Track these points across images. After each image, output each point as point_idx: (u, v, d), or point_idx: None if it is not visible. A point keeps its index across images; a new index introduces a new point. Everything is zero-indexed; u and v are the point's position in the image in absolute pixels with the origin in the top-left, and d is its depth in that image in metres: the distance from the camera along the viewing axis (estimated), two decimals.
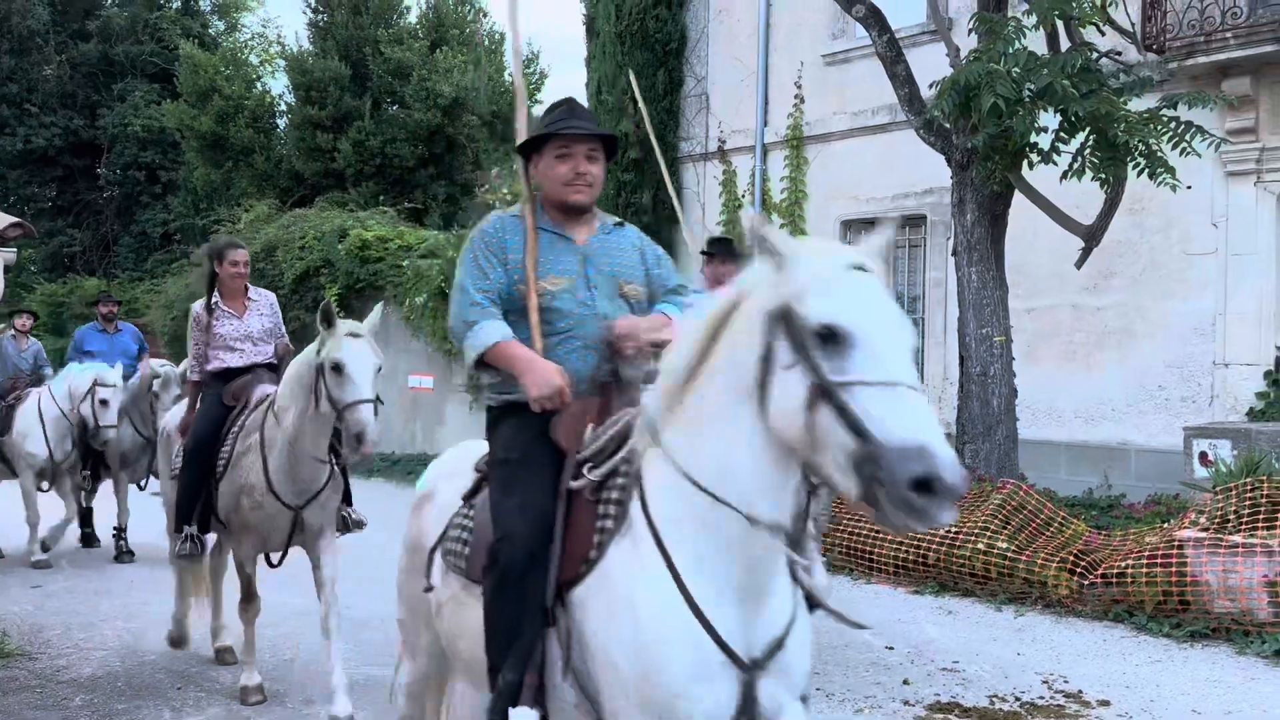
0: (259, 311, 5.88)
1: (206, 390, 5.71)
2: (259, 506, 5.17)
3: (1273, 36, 8.42)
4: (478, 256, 2.93)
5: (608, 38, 12.83)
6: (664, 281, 3.13)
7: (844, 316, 2.05)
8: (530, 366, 2.77)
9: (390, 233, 17.96)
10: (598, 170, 2.98)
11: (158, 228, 27.15)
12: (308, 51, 23.74)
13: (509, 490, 2.77)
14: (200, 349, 5.74)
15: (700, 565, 2.37)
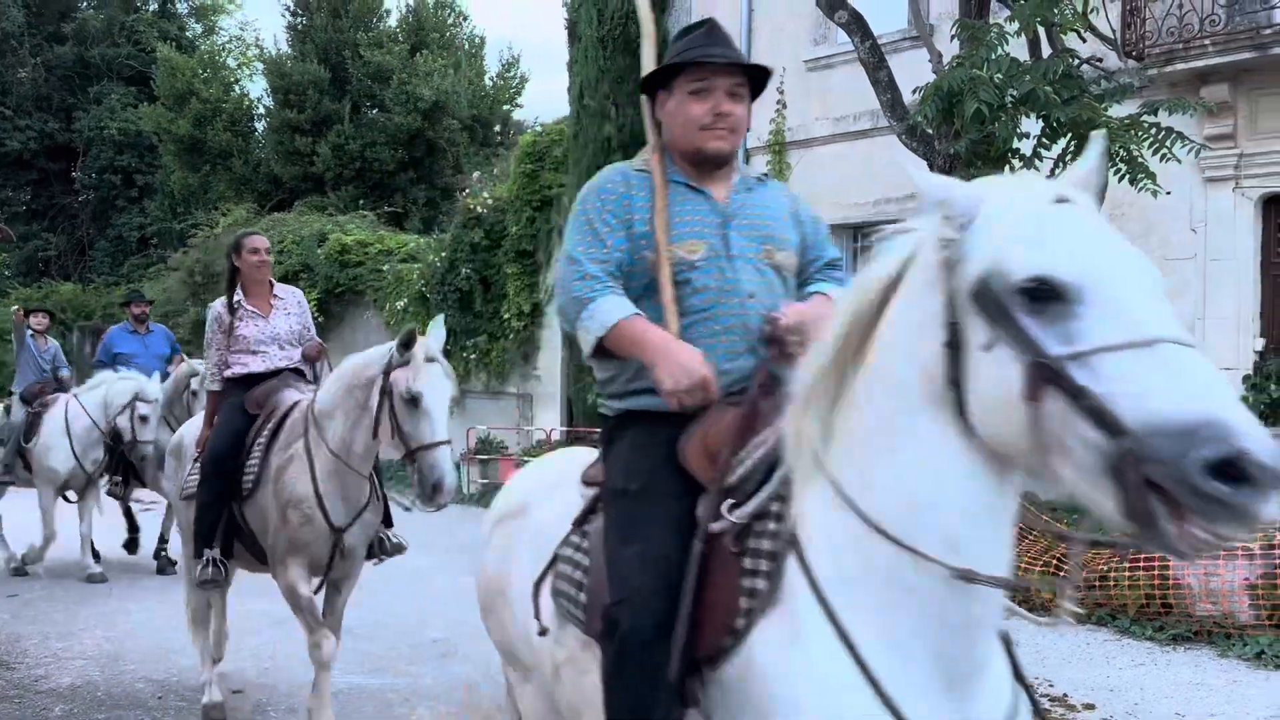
0: (286, 310, 5.20)
1: (226, 399, 5.04)
2: (308, 521, 4.53)
3: (1250, 44, 8.50)
4: (593, 219, 2.33)
5: (590, 42, 12.82)
6: (819, 251, 2.55)
7: (1062, 265, 1.53)
8: (665, 350, 2.14)
9: (370, 237, 17.92)
10: (741, 112, 2.38)
11: (134, 232, 26.96)
12: (286, 55, 23.68)
13: (628, 534, 2.16)
14: (221, 353, 5.08)
15: (890, 646, 1.76)
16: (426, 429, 4.17)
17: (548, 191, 14.42)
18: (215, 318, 5.07)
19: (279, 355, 5.11)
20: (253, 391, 4.96)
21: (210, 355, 5.17)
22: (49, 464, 8.51)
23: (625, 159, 10.74)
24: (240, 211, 20.51)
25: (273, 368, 5.07)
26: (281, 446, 4.66)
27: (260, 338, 5.06)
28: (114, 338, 9.47)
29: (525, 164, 14.77)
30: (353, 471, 4.51)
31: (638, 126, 12.48)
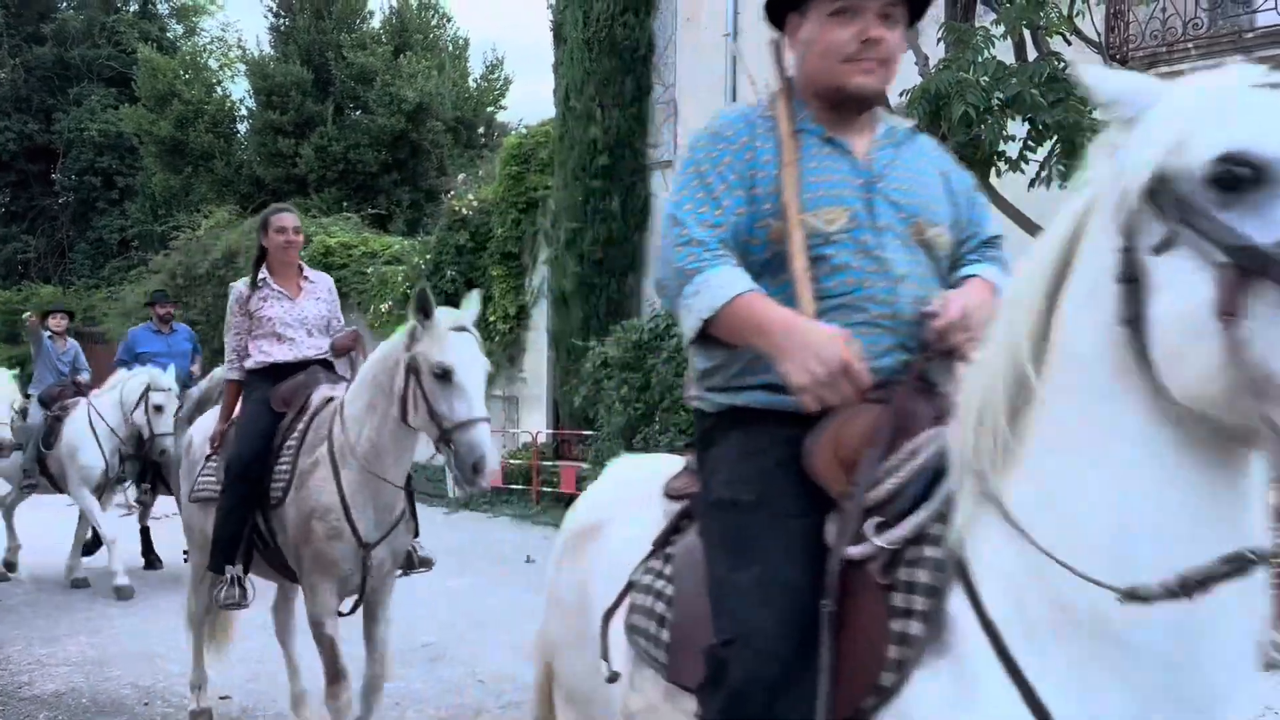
0: (315, 295, 4.66)
1: (250, 392, 4.52)
2: (337, 535, 4.02)
3: (1233, 47, 8.55)
4: (705, 171, 1.87)
5: (575, 44, 12.81)
6: (976, 227, 2.09)
7: (1258, 140, 1.21)
8: (793, 333, 1.68)
9: (354, 239, 17.86)
10: (895, 39, 1.91)
11: (115, 234, 26.77)
12: (269, 56, 23.57)
13: (739, 557, 1.73)
14: (241, 337, 4.55)
15: (1094, 707, 1.33)
16: (461, 405, 3.71)
17: (533, 194, 14.41)
18: (236, 297, 4.53)
19: (307, 343, 4.56)
20: (279, 387, 4.41)
21: (229, 340, 4.61)
22: (81, 461, 8.18)
23: (611, 162, 10.78)
24: (222, 214, 20.41)
25: (300, 357, 4.52)
26: (308, 449, 4.15)
27: (287, 320, 4.50)
28: (137, 337, 9.28)
29: (510, 166, 14.75)
30: (385, 480, 4.02)
31: (623, 129, 12.61)
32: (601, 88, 12.62)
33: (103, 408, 8.31)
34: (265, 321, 4.49)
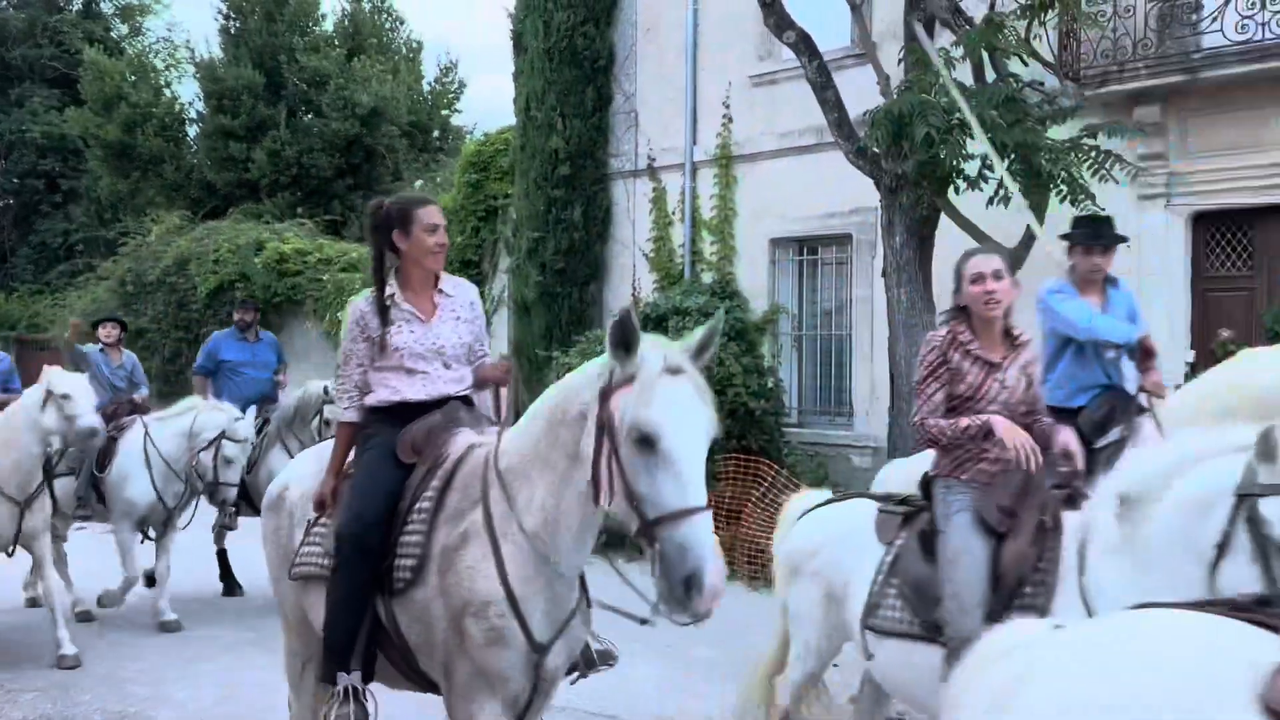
0: (455, 313, 3.59)
1: (368, 439, 3.49)
2: (498, 639, 2.97)
3: (1180, 67, 8.82)
4: None
5: (536, 53, 12.82)
6: None
7: None
8: None
9: (309, 245, 17.68)
10: None
11: (59, 238, 26.19)
12: (219, 59, 23.22)
13: None
14: (363, 371, 3.50)
15: None
16: (670, 487, 2.61)
17: (492, 202, 14.39)
18: (358, 319, 3.48)
19: (445, 377, 3.54)
20: (408, 431, 3.38)
21: (347, 372, 3.52)
22: (126, 495, 7.48)
23: (572, 171, 10.98)
24: (173, 219, 20.09)
25: (436, 395, 3.50)
26: (451, 517, 3.14)
27: (418, 350, 3.46)
28: (220, 344, 8.73)
29: (469, 174, 14.72)
30: (559, 571, 3.02)
31: (585, 139, 12.68)
32: (562, 97, 12.65)
33: (162, 437, 7.55)
34: (392, 353, 3.44)
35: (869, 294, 10.88)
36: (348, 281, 16.33)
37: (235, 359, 8.62)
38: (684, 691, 5.79)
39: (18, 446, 6.48)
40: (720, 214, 12.05)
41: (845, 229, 11.19)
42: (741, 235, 11.97)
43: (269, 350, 8.95)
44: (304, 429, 7.98)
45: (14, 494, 6.48)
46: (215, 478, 7.33)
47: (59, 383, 6.52)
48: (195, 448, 7.39)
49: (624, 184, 12.93)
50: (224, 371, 8.62)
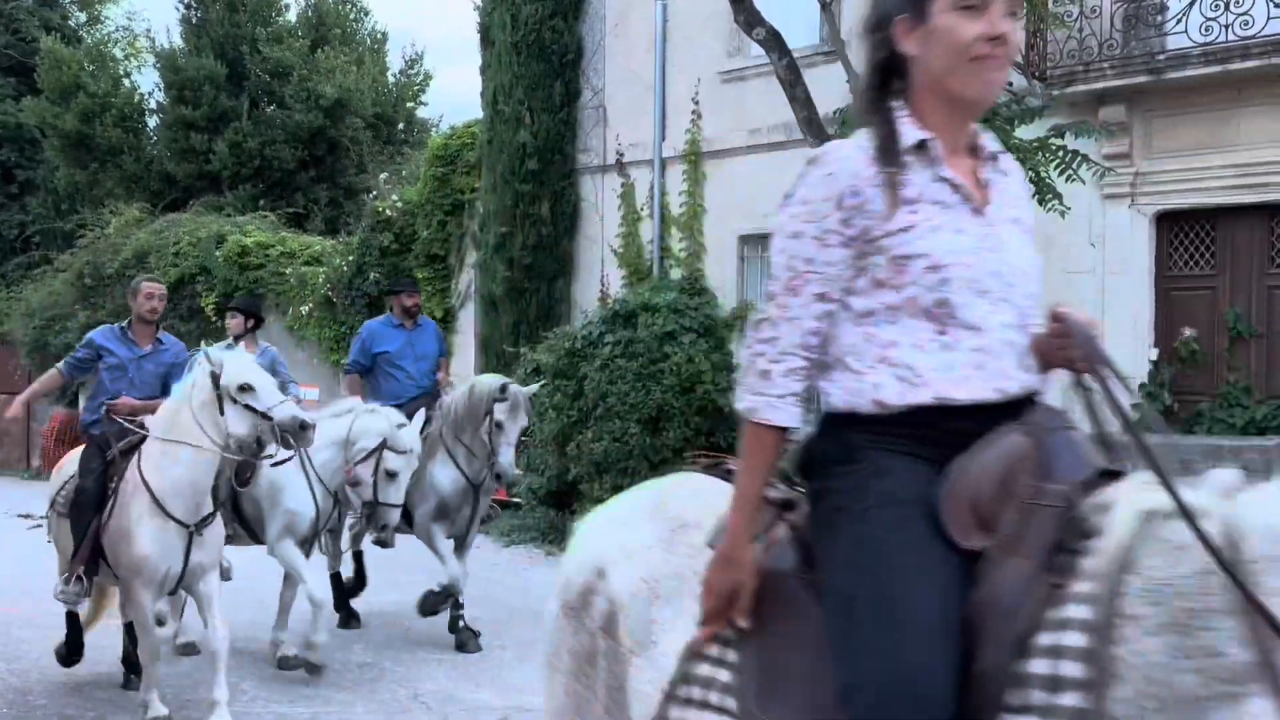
0: (1013, 206, 1.93)
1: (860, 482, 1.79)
2: None
3: (1145, 68, 8.92)
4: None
5: (503, 47, 12.72)
6: None
7: None
8: None
9: (271, 239, 17.46)
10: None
11: (14, 229, 25.66)
12: (180, 49, 22.86)
13: None
14: (824, 311, 1.84)
15: None
16: None
17: (459, 196, 14.28)
18: (843, 182, 1.83)
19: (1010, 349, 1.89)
20: (965, 479, 1.74)
21: (785, 314, 1.84)
22: (286, 507, 6.06)
23: (540, 166, 10.82)
24: (132, 211, 19.74)
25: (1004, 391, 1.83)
26: None
27: (976, 275, 1.81)
28: (375, 333, 7.37)
29: (436, 167, 14.59)
30: None
31: (553, 133, 12.58)
32: (530, 91, 12.57)
33: (314, 445, 5.96)
34: (922, 272, 1.79)
35: None
36: (311, 275, 16.15)
37: (391, 350, 7.23)
38: None
39: (186, 458, 4.99)
40: (689, 210, 12.03)
41: None
42: (710, 232, 11.96)
43: (431, 339, 7.54)
44: (474, 435, 6.64)
45: (182, 517, 4.98)
46: (375, 496, 6.04)
47: (235, 371, 5.03)
48: (352, 459, 6.04)
49: (592, 179, 12.87)
50: (380, 367, 7.27)
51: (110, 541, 5.10)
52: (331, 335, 15.59)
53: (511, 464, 6.65)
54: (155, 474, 4.99)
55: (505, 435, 6.54)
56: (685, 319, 10.63)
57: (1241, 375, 9.05)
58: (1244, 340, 9.10)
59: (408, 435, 6.09)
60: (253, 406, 4.96)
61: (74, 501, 5.34)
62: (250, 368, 5.15)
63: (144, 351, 5.87)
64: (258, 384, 5.02)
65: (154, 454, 5.06)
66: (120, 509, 5.08)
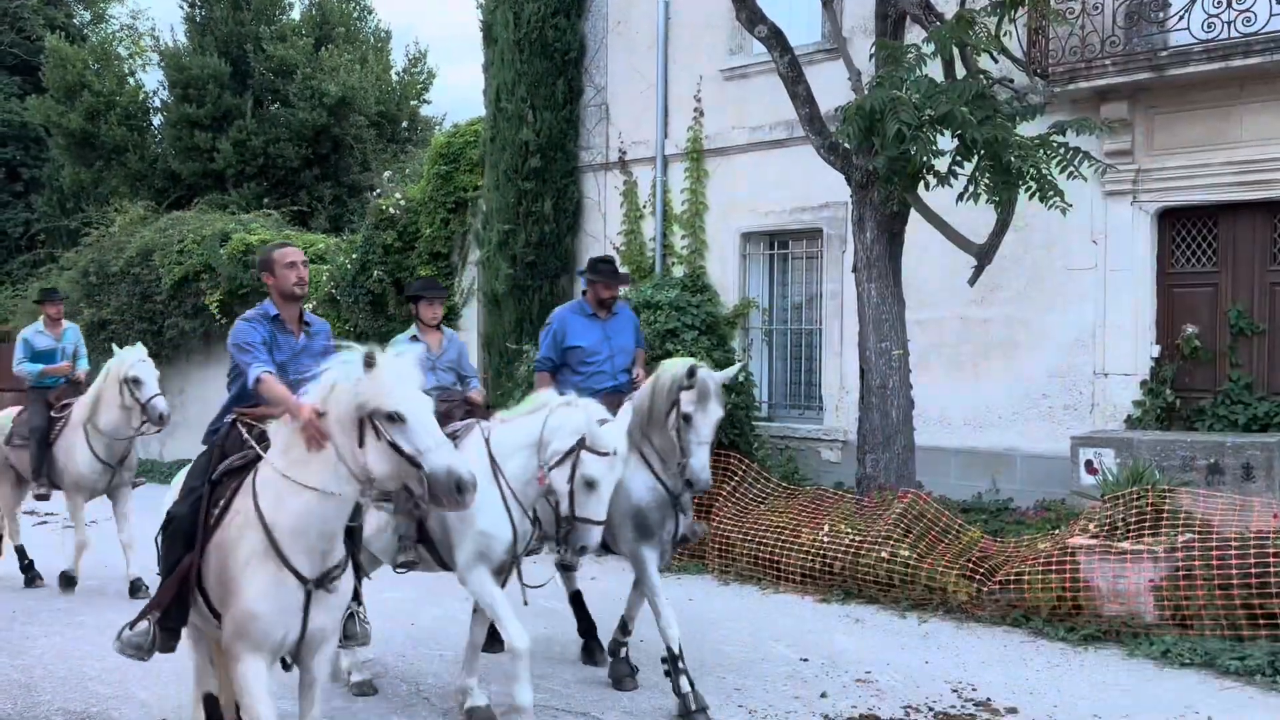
0: None
1: None
2: None
3: (1148, 64, 8.90)
4: None
5: (506, 45, 12.73)
6: None
7: None
8: None
9: (275, 236, 17.46)
10: None
11: (19, 227, 25.73)
12: (184, 47, 22.90)
13: None
14: None
15: None
16: None
17: (462, 194, 14.28)
18: None
19: None
20: None
21: None
22: (480, 529, 5.06)
23: (543, 164, 10.82)
24: (136, 209, 19.78)
25: None
26: None
27: None
28: (568, 325, 6.37)
29: (439, 165, 14.60)
30: None
31: (555, 131, 12.60)
32: (533, 89, 12.57)
33: (505, 444, 5.14)
34: None
35: (839, 288, 10.92)
36: (315, 273, 16.16)
37: (587, 344, 6.31)
38: (654, 687, 5.78)
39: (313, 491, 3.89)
40: (691, 208, 12.04)
41: (816, 224, 11.21)
42: (712, 229, 11.96)
43: (627, 330, 6.55)
44: (662, 432, 5.50)
45: (303, 568, 3.89)
46: (571, 509, 4.82)
47: (384, 389, 3.71)
48: (546, 463, 4.93)
49: (595, 177, 12.88)
50: (572, 362, 6.30)
51: (210, 586, 4.03)
52: (336, 333, 15.58)
53: (704, 468, 5.32)
54: (274, 506, 3.86)
55: (695, 431, 5.35)
56: (687, 316, 10.64)
57: (1243, 372, 9.04)
58: (1246, 337, 9.08)
59: (610, 433, 4.89)
60: (399, 446, 3.65)
61: (164, 527, 4.30)
62: (406, 387, 3.74)
63: (299, 343, 4.64)
64: (411, 415, 3.67)
65: (273, 479, 3.92)
66: (222, 545, 3.98)
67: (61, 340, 9.37)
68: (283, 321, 4.63)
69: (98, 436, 8.42)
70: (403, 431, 3.65)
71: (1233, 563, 6.33)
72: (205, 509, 4.10)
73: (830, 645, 6.70)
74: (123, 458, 8.61)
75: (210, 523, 4.05)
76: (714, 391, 5.40)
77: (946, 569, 7.41)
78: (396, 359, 3.79)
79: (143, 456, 18.90)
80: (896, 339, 8.70)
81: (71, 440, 8.52)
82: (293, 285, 4.62)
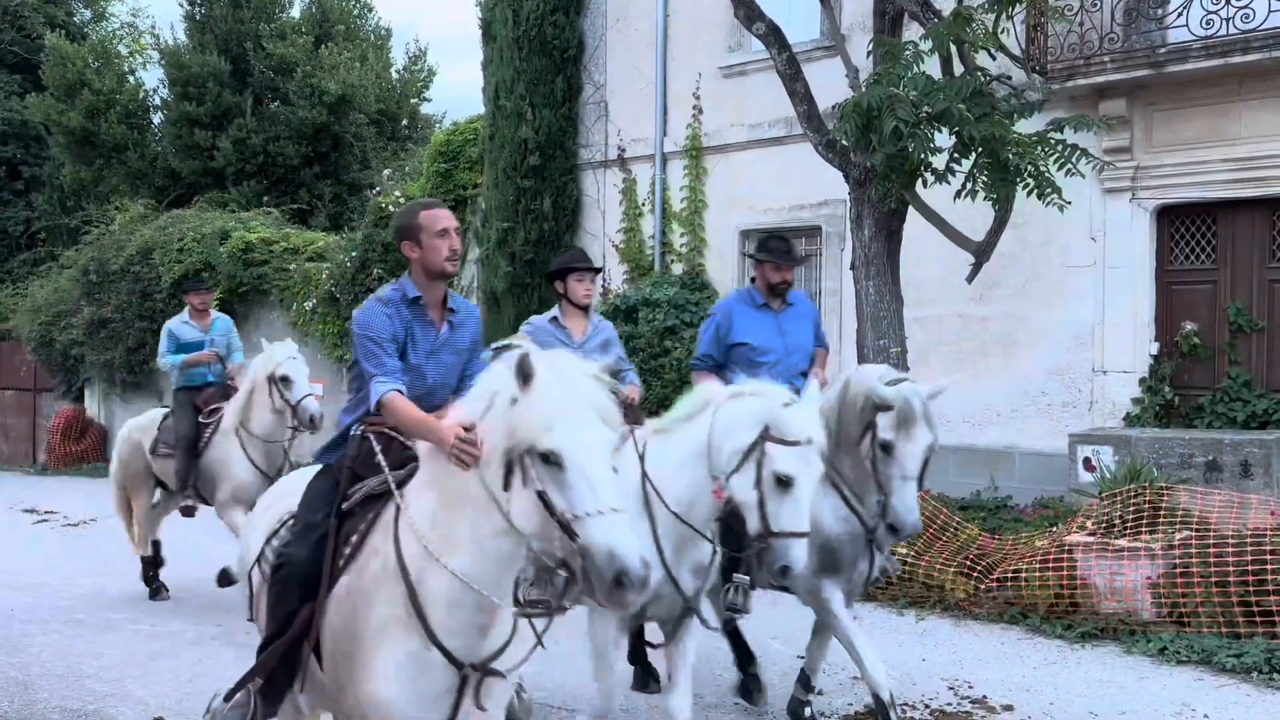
0: None
1: None
2: None
3: (1146, 62, 8.89)
4: None
5: (505, 42, 12.73)
6: None
7: None
8: None
9: (275, 234, 17.49)
10: None
11: (19, 226, 25.74)
12: (184, 45, 22.90)
13: None
14: None
15: None
16: None
17: (461, 191, 14.29)
18: None
19: None
20: None
21: None
22: None
23: (542, 161, 10.69)
24: (136, 207, 19.79)
25: None
26: None
27: None
28: (733, 313, 5.35)
29: (438, 163, 14.61)
30: None
31: (554, 129, 12.59)
32: (532, 87, 12.57)
33: (664, 462, 4.16)
34: None
35: (838, 286, 10.91)
36: (314, 271, 16.17)
37: (758, 341, 5.24)
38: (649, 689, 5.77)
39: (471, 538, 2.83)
40: (690, 205, 12.04)
41: (815, 221, 11.21)
42: (711, 227, 11.96)
43: (805, 324, 5.44)
44: (855, 459, 4.53)
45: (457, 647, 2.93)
46: (764, 522, 3.77)
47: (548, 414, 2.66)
48: (720, 471, 3.90)
49: (594, 174, 12.88)
50: (738, 362, 5.16)
51: (327, 652, 3.08)
52: (335, 331, 15.62)
53: (911, 509, 4.32)
54: (423, 556, 2.87)
55: (898, 463, 4.33)
56: (686, 314, 10.65)
57: (1242, 369, 9.03)
58: (1245, 334, 9.08)
59: (801, 416, 3.81)
60: (550, 501, 2.57)
61: (275, 571, 3.31)
62: (575, 416, 2.62)
63: (440, 338, 3.55)
64: (572, 459, 2.57)
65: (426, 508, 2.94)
66: (350, 598, 3.00)
67: (210, 332, 8.36)
68: (424, 308, 3.52)
69: (254, 443, 7.53)
70: (558, 481, 2.57)
71: (1230, 560, 6.32)
72: (333, 549, 3.13)
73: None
74: (281, 467, 7.53)
75: (338, 565, 3.09)
76: (921, 413, 4.35)
77: (944, 566, 7.41)
78: (567, 370, 2.71)
79: None
80: (895, 337, 8.68)
81: (225, 449, 7.62)
82: (444, 260, 3.47)
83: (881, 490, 4.36)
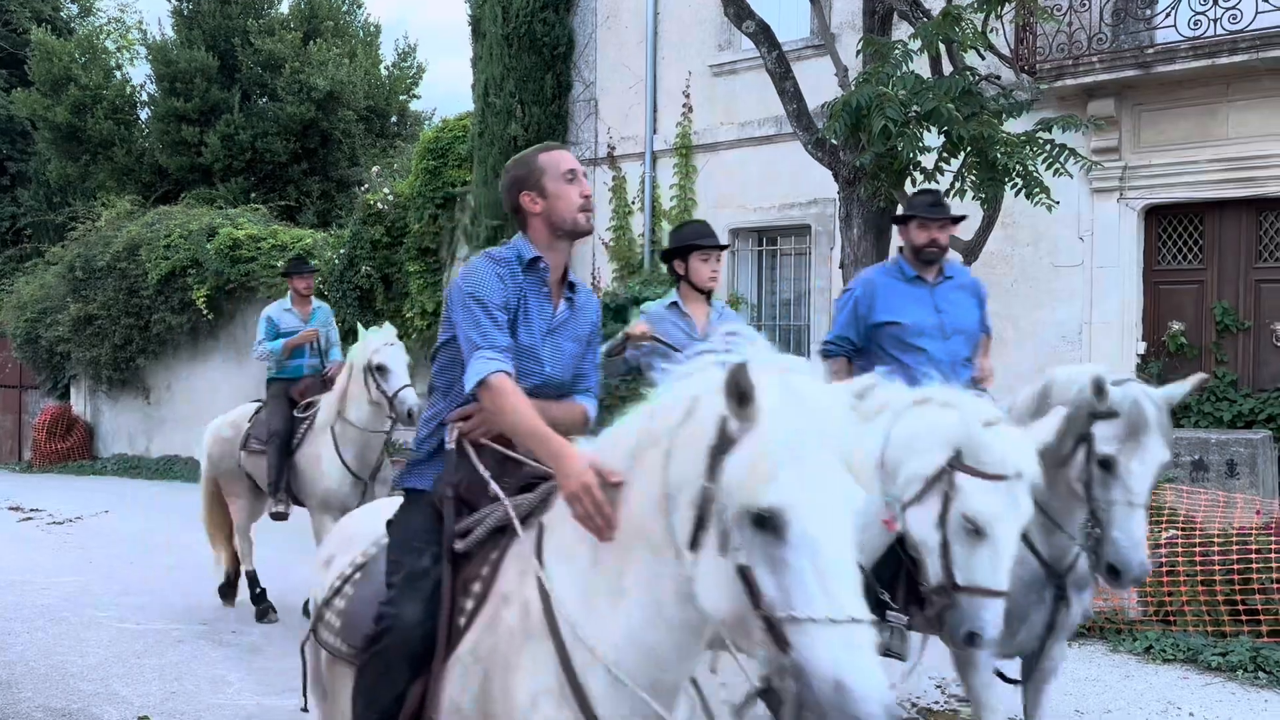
0: None
1: None
2: None
3: (1134, 62, 8.92)
4: None
5: (494, 39, 12.70)
6: None
7: None
8: None
9: (262, 231, 17.43)
10: None
11: (5, 222, 25.59)
12: (172, 41, 22.78)
13: None
14: None
15: None
16: None
17: (450, 189, 14.25)
18: None
19: None
20: None
21: None
22: None
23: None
24: (123, 203, 19.70)
25: None
26: None
27: None
28: (876, 287, 4.49)
29: (427, 160, 14.57)
30: None
31: (544, 126, 12.54)
32: (521, 84, 12.55)
33: None
34: None
35: (827, 285, 10.92)
36: None
37: (909, 320, 4.39)
38: None
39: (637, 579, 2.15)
40: (680, 204, 12.03)
41: (804, 220, 11.21)
42: None
43: (968, 301, 4.63)
44: (1060, 480, 3.58)
45: None
46: (948, 575, 3.10)
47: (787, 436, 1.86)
48: (895, 499, 3.29)
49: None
50: (885, 345, 4.40)
51: None
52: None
53: (1138, 545, 3.47)
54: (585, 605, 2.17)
55: (1123, 485, 3.50)
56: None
57: (1228, 368, 9.07)
58: (1231, 334, 9.12)
59: (1007, 442, 3.07)
60: (759, 587, 1.83)
61: (370, 643, 2.54)
62: (811, 461, 1.81)
63: (558, 316, 2.75)
64: (802, 530, 1.78)
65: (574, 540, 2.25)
66: (480, 660, 2.33)
67: (310, 321, 7.67)
68: (544, 273, 2.71)
69: (347, 443, 6.88)
70: (772, 558, 1.79)
71: (1216, 559, 6.35)
72: (451, 604, 2.41)
73: None
74: (375, 469, 6.97)
75: (457, 623, 2.39)
76: (1155, 422, 3.54)
77: None
78: (806, 393, 1.86)
79: (129, 452, 18.97)
80: None
81: (317, 447, 7.00)
82: (578, 210, 2.69)
83: (1095, 521, 3.44)
